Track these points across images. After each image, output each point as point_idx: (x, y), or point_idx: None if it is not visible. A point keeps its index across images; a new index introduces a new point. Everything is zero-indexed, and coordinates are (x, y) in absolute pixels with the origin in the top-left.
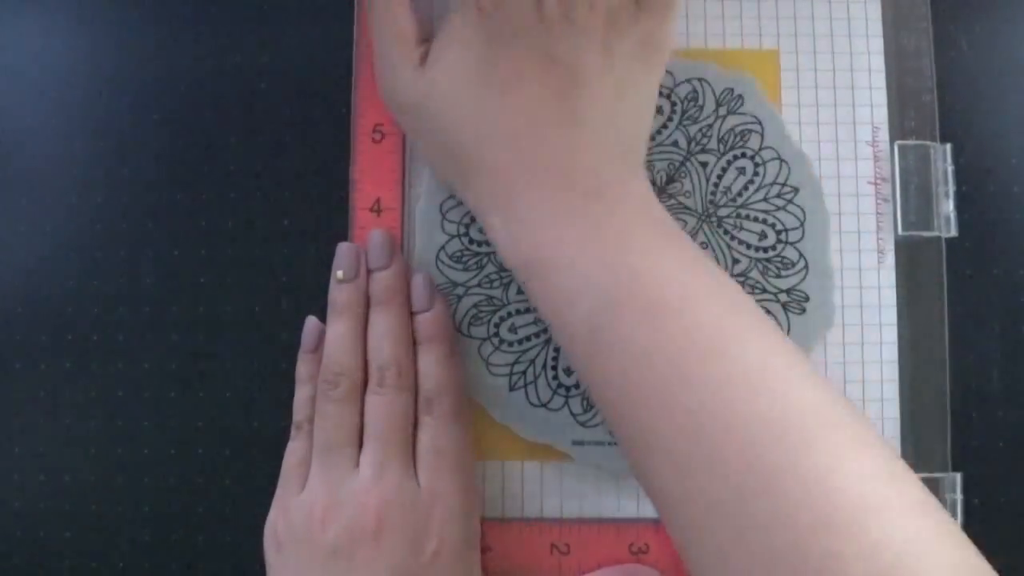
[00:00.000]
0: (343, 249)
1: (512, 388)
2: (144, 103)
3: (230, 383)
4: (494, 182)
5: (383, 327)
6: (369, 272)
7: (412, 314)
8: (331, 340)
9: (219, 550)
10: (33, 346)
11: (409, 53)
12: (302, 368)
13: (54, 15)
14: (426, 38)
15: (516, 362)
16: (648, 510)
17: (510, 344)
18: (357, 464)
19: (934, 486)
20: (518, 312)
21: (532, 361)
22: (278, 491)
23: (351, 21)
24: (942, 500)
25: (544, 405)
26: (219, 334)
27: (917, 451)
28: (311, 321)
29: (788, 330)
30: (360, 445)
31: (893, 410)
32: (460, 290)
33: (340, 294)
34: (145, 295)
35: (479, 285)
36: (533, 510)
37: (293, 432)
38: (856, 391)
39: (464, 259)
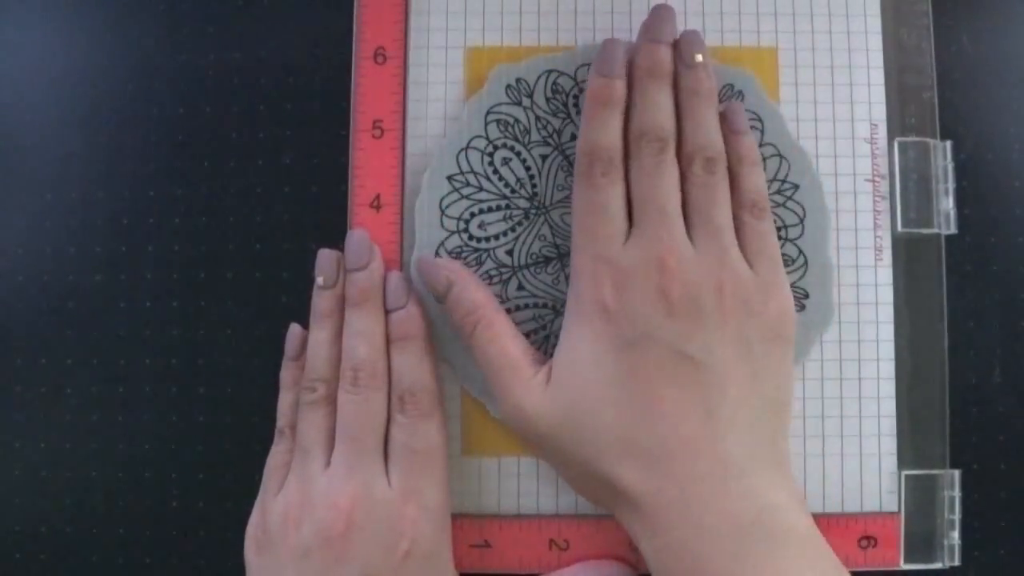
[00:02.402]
0: (322, 256)
1: None
2: (144, 99)
3: (231, 379)
4: (646, 510)
5: (357, 327)
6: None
7: (387, 313)
8: (312, 347)
9: (220, 546)
10: (33, 342)
11: (529, 380)
12: (285, 374)
13: (54, 14)
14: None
15: None
16: None
17: None
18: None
19: (932, 483)
20: (517, 308)
21: None
22: (259, 495)
23: (351, 16)
24: (940, 497)
25: None
26: (219, 330)
27: (915, 448)
28: (294, 328)
29: None
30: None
31: (890, 408)
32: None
33: (320, 301)
34: (145, 291)
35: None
36: (530, 506)
37: (276, 437)
38: (853, 389)
39: (464, 255)
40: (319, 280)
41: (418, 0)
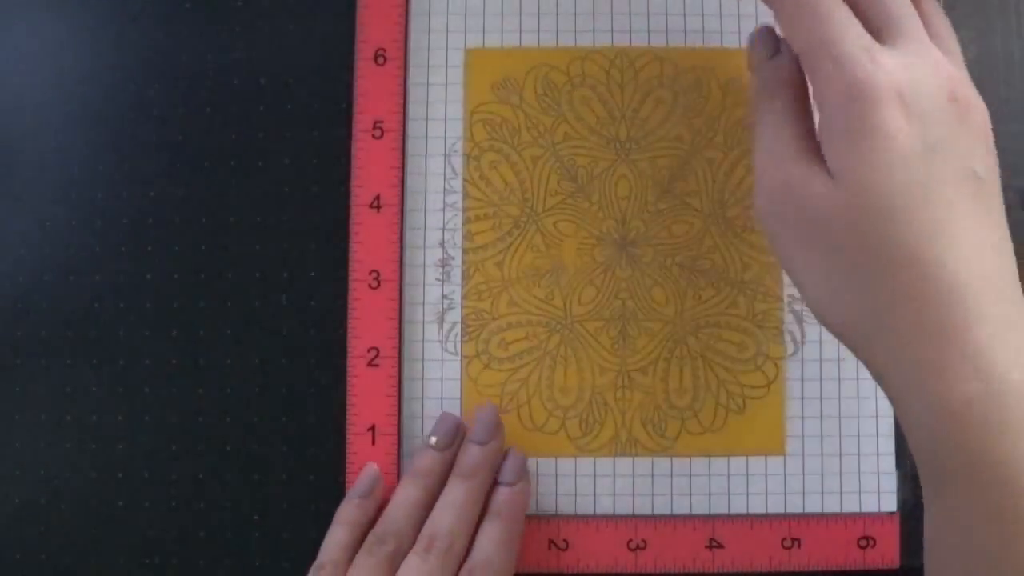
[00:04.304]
0: (446, 419)
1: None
2: (144, 99)
3: (230, 379)
4: (939, 307)
5: (455, 498)
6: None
7: (494, 485)
8: (400, 500)
9: (219, 546)
10: (33, 342)
11: (812, 159)
12: (345, 511)
13: (54, 14)
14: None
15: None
16: (646, 506)
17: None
18: None
19: None
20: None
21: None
22: None
23: (351, 17)
24: None
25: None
26: (219, 330)
27: None
28: (371, 468)
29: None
30: None
31: (888, 407)
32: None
33: (426, 459)
34: (145, 291)
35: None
36: (529, 506)
37: (312, 572)
38: (851, 388)
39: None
40: (432, 440)
41: (418, 1)
